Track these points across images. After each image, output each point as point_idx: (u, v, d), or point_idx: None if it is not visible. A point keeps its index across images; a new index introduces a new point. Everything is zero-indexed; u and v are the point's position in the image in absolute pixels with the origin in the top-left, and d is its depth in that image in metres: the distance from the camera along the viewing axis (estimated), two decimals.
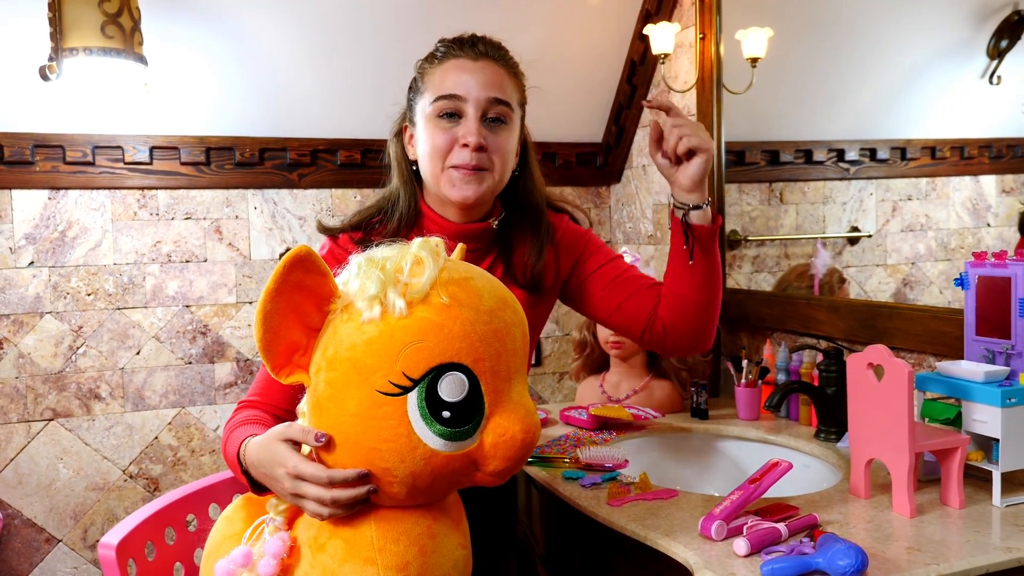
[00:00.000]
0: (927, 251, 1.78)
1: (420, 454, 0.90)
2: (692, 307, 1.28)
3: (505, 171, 1.25)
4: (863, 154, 1.91)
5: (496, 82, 1.23)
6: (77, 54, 1.54)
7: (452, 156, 1.21)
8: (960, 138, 1.73)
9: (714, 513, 1.09)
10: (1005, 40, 1.53)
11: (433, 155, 1.22)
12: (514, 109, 1.25)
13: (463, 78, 1.21)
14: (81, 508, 2.05)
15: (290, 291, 0.91)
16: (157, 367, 2.10)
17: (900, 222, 1.81)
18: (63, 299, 2.02)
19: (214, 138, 2.08)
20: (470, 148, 1.19)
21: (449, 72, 1.22)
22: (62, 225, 2.00)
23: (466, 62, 1.23)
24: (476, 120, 1.21)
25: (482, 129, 1.21)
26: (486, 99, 1.21)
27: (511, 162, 1.27)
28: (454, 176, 1.22)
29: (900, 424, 1.14)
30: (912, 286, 1.77)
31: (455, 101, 1.21)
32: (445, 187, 1.23)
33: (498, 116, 1.23)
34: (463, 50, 1.24)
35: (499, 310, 0.95)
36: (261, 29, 1.96)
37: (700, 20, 1.99)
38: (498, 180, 1.25)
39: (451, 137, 1.21)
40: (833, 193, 1.98)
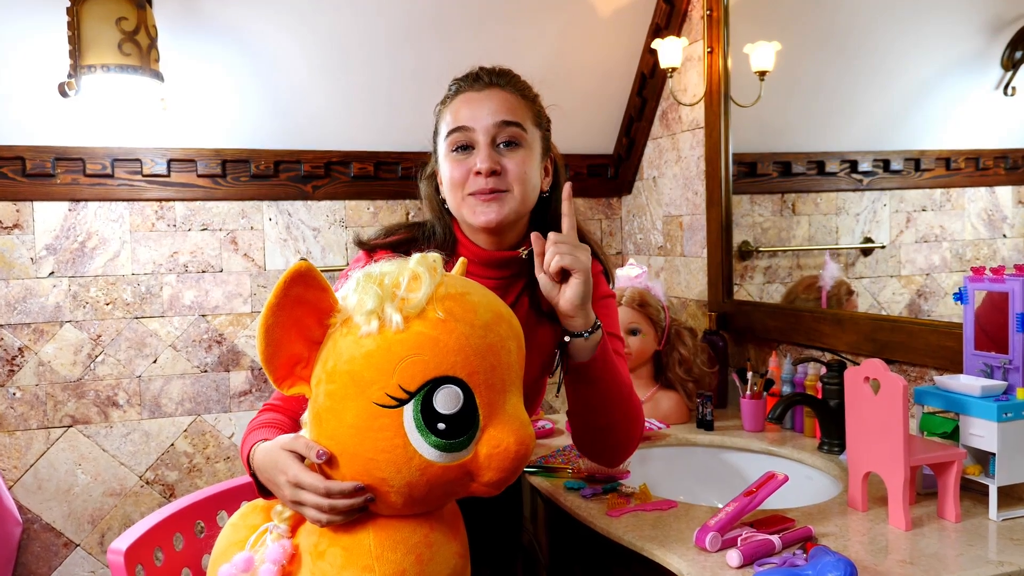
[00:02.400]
0: (942, 262, 1.76)
1: (416, 465, 0.92)
2: (589, 429, 1.25)
3: (527, 191, 1.23)
4: (876, 165, 1.90)
5: (503, 106, 1.22)
6: (95, 71, 1.58)
7: (469, 185, 1.22)
8: (975, 149, 1.71)
9: (709, 524, 1.11)
10: (1020, 51, 1.53)
11: (453, 187, 1.23)
12: (528, 129, 1.24)
13: (470, 109, 1.22)
14: (99, 513, 2.10)
15: (291, 305, 0.94)
16: (173, 375, 2.15)
17: (914, 233, 1.80)
18: (82, 308, 2.07)
19: (230, 151, 2.12)
20: (483, 175, 1.20)
21: (458, 107, 1.24)
22: (82, 236, 2.06)
23: (472, 94, 1.24)
24: (487, 147, 1.21)
25: (493, 154, 1.21)
26: (494, 124, 1.21)
27: (533, 181, 1.24)
28: (473, 203, 1.22)
29: (896, 438, 1.15)
30: (927, 297, 1.77)
31: (465, 133, 1.22)
32: (468, 215, 1.23)
33: (510, 139, 1.22)
34: (468, 84, 1.25)
35: (494, 324, 0.97)
36: (276, 43, 2.00)
37: (708, 34, 2.01)
38: (520, 201, 1.23)
39: (466, 168, 1.22)
40: (846, 204, 1.97)
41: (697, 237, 2.17)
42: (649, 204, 2.41)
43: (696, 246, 2.18)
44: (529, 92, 1.29)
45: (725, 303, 2.02)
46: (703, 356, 1.85)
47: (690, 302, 2.21)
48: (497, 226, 1.22)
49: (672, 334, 1.83)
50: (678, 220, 2.26)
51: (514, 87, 1.26)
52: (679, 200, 2.25)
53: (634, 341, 1.79)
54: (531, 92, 1.30)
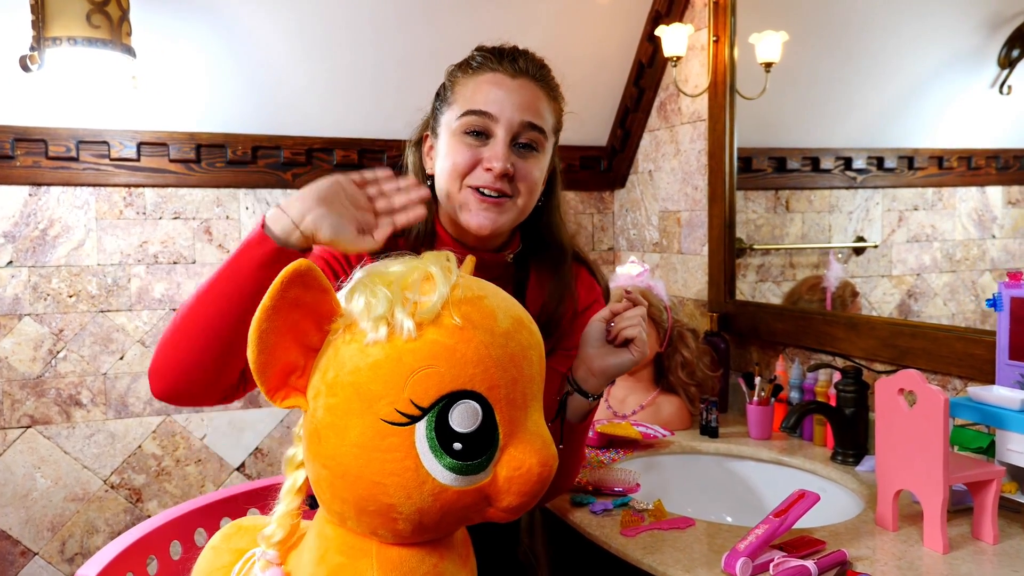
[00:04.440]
0: (932, 262, 1.74)
1: (428, 489, 0.82)
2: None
3: (530, 202, 1.14)
4: (870, 163, 1.87)
5: (533, 105, 1.11)
6: (61, 44, 1.45)
7: (472, 176, 1.10)
8: (968, 148, 1.70)
9: (738, 549, 1.02)
10: (1017, 50, 1.51)
11: (452, 173, 1.11)
12: (548, 136, 1.15)
13: (497, 95, 1.10)
14: (59, 520, 1.96)
15: (288, 309, 0.82)
16: (141, 372, 2.01)
17: (906, 232, 1.77)
18: (43, 301, 1.92)
19: (205, 135, 1.99)
20: (494, 173, 1.09)
21: (483, 86, 1.11)
22: (43, 223, 1.91)
23: (503, 78, 1.12)
24: (505, 144, 1.10)
25: (510, 154, 1.10)
26: (519, 122, 1.10)
27: (537, 192, 1.15)
28: (471, 200, 1.11)
29: (934, 455, 1.08)
30: (917, 298, 1.73)
31: (485, 119, 1.10)
32: (461, 211, 1.12)
33: (529, 142, 1.12)
34: (501, 64, 1.12)
35: (515, 332, 0.87)
36: (256, 21, 1.88)
37: (714, 22, 1.92)
38: (520, 211, 1.13)
39: (475, 157, 1.10)
40: (839, 202, 1.94)
41: (696, 234, 2.09)
42: (644, 199, 2.32)
43: (695, 243, 2.10)
44: (559, 94, 1.19)
45: (727, 303, 1.94)
46: (706, 359, 1.77)
47: (687, 301, 2.13)
48: (491, 234, 1.12)
49: (675, 336, 1.75)
50: (675, 216, 2.18)
51: (547, 84, 1.16)
52: (677, 195, 2.17)
53: None
54: (560, 94, 1.19)
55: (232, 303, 0.95)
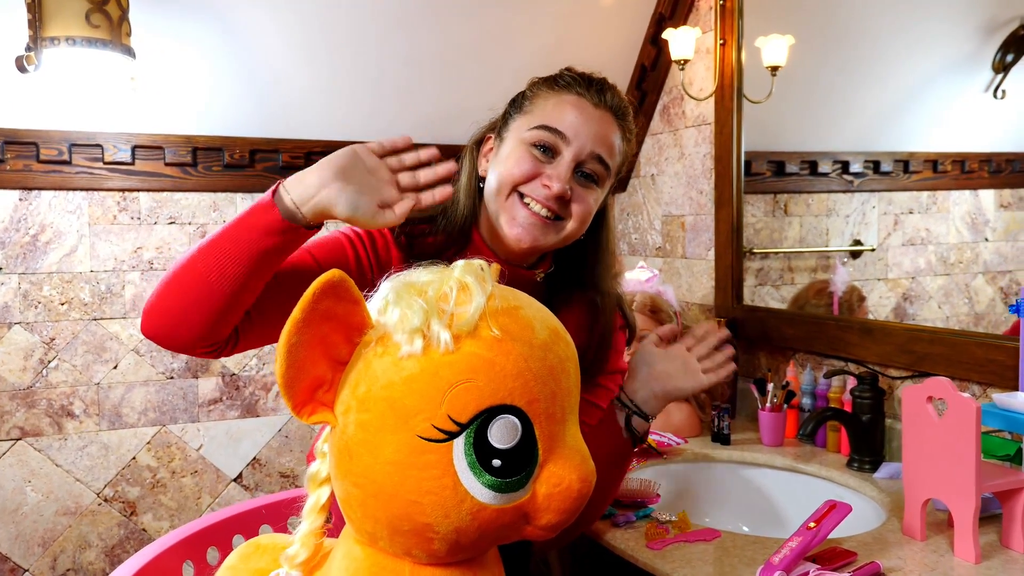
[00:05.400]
0: (927, 265, 1.75)
1: (467, 508, 0.79)
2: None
3: (578, 230, 1.12)
4: (867, 166, 1.88)
5: (607, 138, 1.10)
6: (59, 44, 1.40)
7: (528, 187, 1.08)
8: (961, 152, 1.72)
9: (772, 563, 1.00)
10: (1011, 54, 1.52)
11: (509, 178, 1.09)
12: (611, 174, 1.14)
13: (576, 118, 1.09)
14: (50, 535, 1.90)
15: (319, 321, 0.79)
16: (136, 382, 1.96)
17: (901, 236, 1.78)
18: (34, 308, 1.87)
19: (202, 138, 1.94)
20: (551, 192, 1.07)
21: (564, 106, 1.10)
22: (34, 228, 1.86)
23: (587, 104, 1.10)
24: (569, 167, 1.08)
25: (571, 178, 1.08)
26: (589, 151, 1.09)
27: (587, 223, 1.13)
28: (520, 212, 1.09)
29: (966, 464, 1.06)
30: (912, 301, 1.73)
31: (557, 137, 1.09)
32: (504, 218, 1.10)
33: (592, 173, 1.10)
34: (588, 90, 1.11)
35: (553, 344, 0.84)
36: (257, 22, 1.83)
37: (721, 25, 1.91)
38: (565, 236, 1.11)
39: (536, 170, 1.08)
40: (836, 206, 1.94)
41: (702, 239, 2.07)
42: (647, 203, 2.30)
43: (700, 248, 2.08)
44: (632, 138, 1.18)
45: (735, 308, 1.92)
46: None
47: (693, 306, 2.12)
48: (530, 249, 1.10)
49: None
50: (680, 220, 2.16)
51: (626, 126, 1.15)
52: (681, 199, 2.15)
53: None
54: (633, 139, 1.19)
55: (231, 263, 0.94)
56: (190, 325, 0.95)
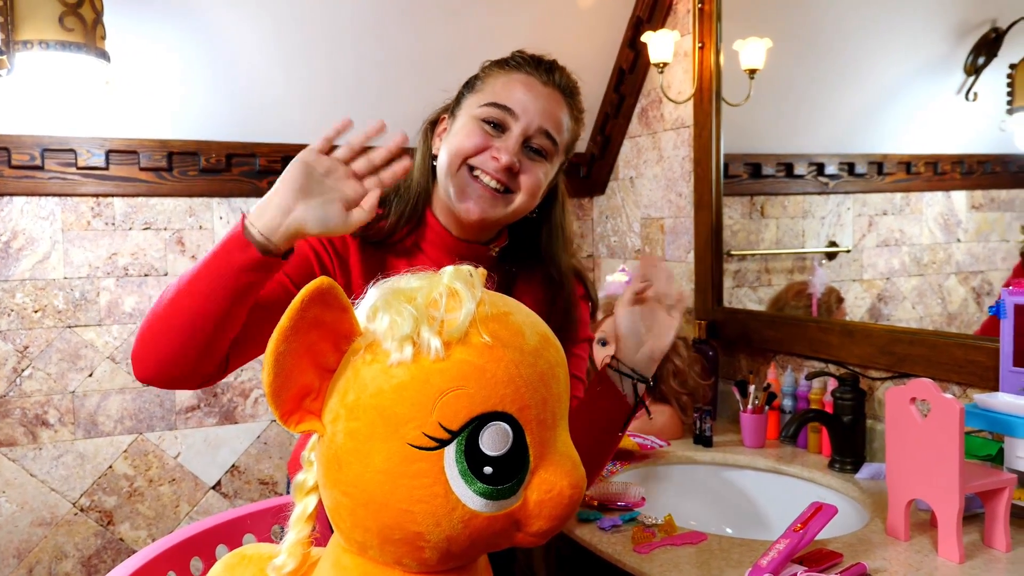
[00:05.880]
0: (901, 266, 1.77)
1: (458, 516, 0.78)
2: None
3: (527, 203, 1.14)
4: (842, 168, 1.90)
5: (554, 115, 1.13)
6: (32, 48, 1.37)
7: (477, 160, 1.11)
8: (934, 153, 1.73)
9: (761, 565, 1.01)
10: (982, 57, 1.54)
11: (459, 151, 1.12)
12: (559, 151, 1.16)
13: (525, 96, 1.12)
14: (25, 546, 1.86)
15: (306, 329, 0.78)
16: (112, 390, 1.93)
17: (876, 237, 1.80)
18: (6, 316, 1.83)
19: (177, 142, 1.92)
20: (499, 164, 1.10)
21: (513, 84, 1.13)
22: (6, 235, 1.82)
23: (535, 82, 1.14)
24: (517, 141, 1.11)
25: (519, 152, 1.11)
26: (537, 126, 1.12)
27: (537, 197, 1.16)
28: (469, 185, 1.12)
29: (949, 465, 1.07)
30: (887, 301, 1.75)
31: (506, 113, 1.12)
32: (455, 191, 1.12)
33: (540, 148, 1.13)
34: (537, 70, 1.15)
35: (543, 349, 0.84)
36: (232, 25, 1.81)
37: (700, 29, 1.92)
38: (515, 210, 1.14)
39: (486, 144, 1.11)
40: (812, 207, 1.96)
41: (681, 241, 2.08)
42: (625, 205, 2.31)
43: (680, 251, 2.09)
44: (581, 117, 1.22)
45: (716, 311, 1.93)
46: (697, 367, 1.76)
47: None
48: (478, 222, 1.13)
49: None
50: (659, 223, 2.17)
51: (574, 105, 1.19)
52: (660, 202, 2.16)
53: None
54: (582, 118, 1.22)
55: (213, 303, 0.96)
56: (182, 365, 0.97)
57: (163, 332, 0.97)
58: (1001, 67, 1.49)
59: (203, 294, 0.95)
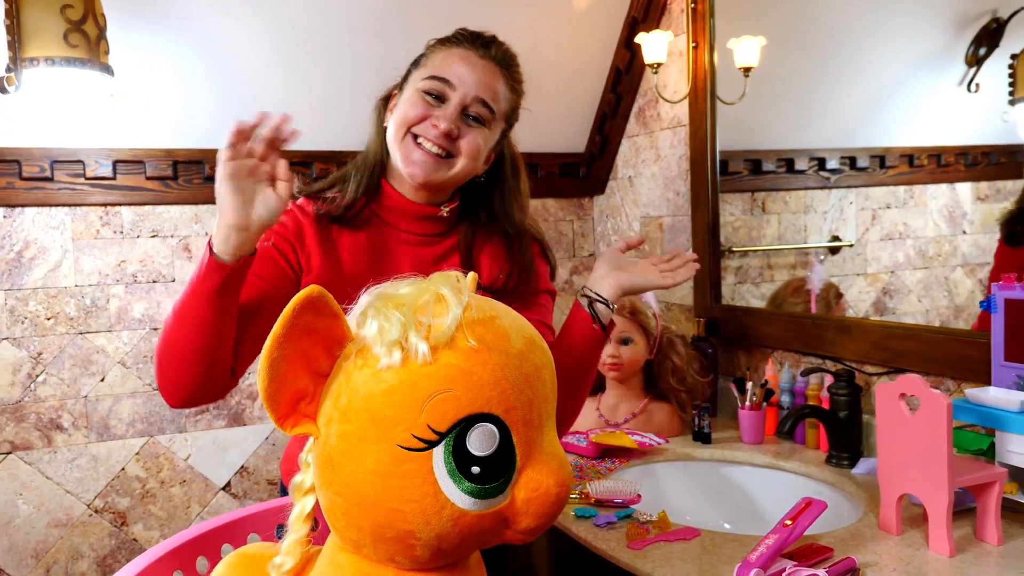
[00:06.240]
0: (906, 259, 1.76)
1: (448, 515, 0.81)
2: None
3: (469, 167, 1.25)
4: (843, 162, 1.90)
5: (491, 85, 1.24)
6: (38, 64, 1.41)
7: (419, 128, 1.22)
8: (937, 146, 1.73)
9: (750, 560, 1.03)
10: (983, 48, 1.53)
11: (403, 122, 1.23)
12: (496, 118, 1.26)
13: (462, 69, 1.23)
14: (43, 546, 1.91)
15: (299, 336, 0.81)
16: (123, 394, 1.97)
17: (879, 231, 1.80)
18: (20, 324, 1.88)
19: (182, 151, 1.95)
20: (439, 131, 1.20)
21: (452, 58, 1.25)
22: (18, 245, 1.86)
23: (472, 56, 1.25)
24: (455, 109, 1.22)
25: (458, 120, 1.22)
26: (473, 96, 1.22)
27: (477, 160, 1.26)
28: (413, 151, 1.22)
29: (938, 459, 1.09)
30: (892, 295, 1.76)
31: (444, 85, 1.22)
32: (401, 157, 1.23)
33: (477, 115, 1.23)
34: (474, 45, 1.26)
35: (528, 352, 0.86)
36: (232, 36, 1.85)
37: (693, 28, 1.93)
38: (457, 172, 1.24)
39: (427, 113, 1.22)
40: (814, 202, 1.96)
41: (679, 239, 2.10)
42: (624, 204, 2.33)
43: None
44: (518, 87, 1.32)
45: (714, 308, 1.95)
46: (695, 364, 1.78)
47: (673, 307, 2.14)
48: (423, 183, 1.23)
49: (664, 342, 1.75)
50: (657, 221, 2.18)
51: (511, 76, 1.30)
52: (658, 201, 2.18)
53: (626, 351, 1.71)
54: (520, 88, 1.33)
55: (204, 327, 1.06)
56: (196, 387, 1.10)
57: (171, 365, 1.09)
58: (1002, 58, 1.48)
59: (193, 323, 1.06)
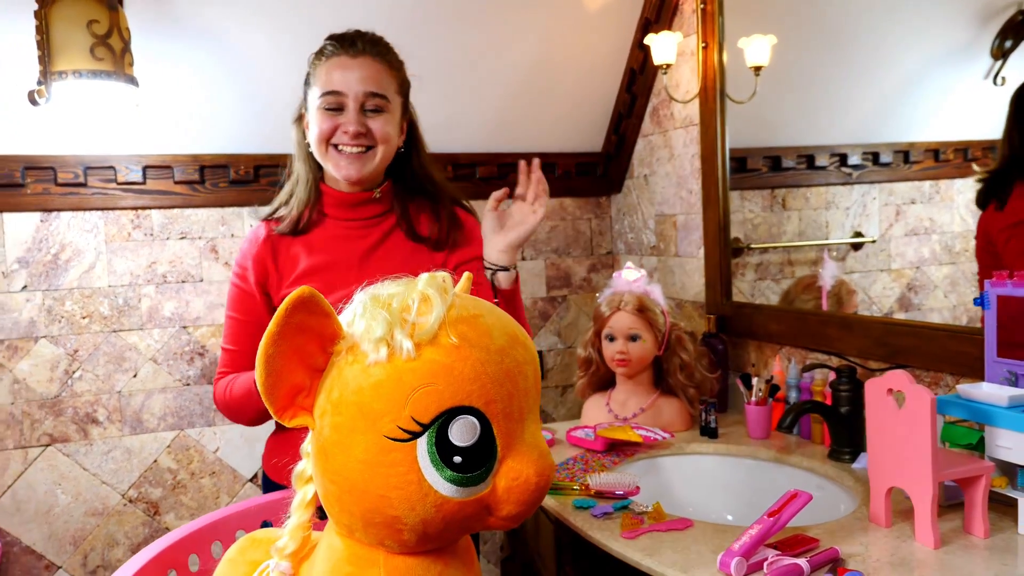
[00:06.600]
0: (931, 255, 1.76)
1: (431, 501, 0.86)
2: None
3: (387, 150, 1.43)
4: (866, 158, 1.89)
5: (373, 77, 1.39)
6: (66, 77, 1.49)
7: (335, 138, 1.40)
8: (963, 140, 1.71)
9: (733, 548, 1.06)
10: (1009, 40, 1.52)
11: (320, 138, 1.40)
12: (391, 98, 1.42)
13: (343, 75, 1.38)
14: (80, 534, 2.01)
15: (292, 333, 0.87)
16: (155, 389, 2.06)
17: (904, 226, 1.79)
18: (57, 323, 1.98)
19: (208, 156, 2.04)
20: (350, 135, 1.38)
21: (332, 69, 1.39)
22: (55, 248, 1.97)
23: (346, 60, 1.39)
24: (356, 112, 1.38)
25: (361, 118, 1.39)
26: (363, 93, 1.38)
27: (392, 142, 1.44)
28: (338, 158, 1.40)
29: (923, 453, 1.11)
30: (917, 291, 1.75)
31: (337, 96, 1.38)
32: (332, 167, 1.42)
33: (376, 107, 1.40)
34: (343, 48, 1.40)
35: (510, 348, 0.91)
36: (252, 45, 1.92)
37: (702, 29, 1.96)
38: (380, 159, 1.42)
39: (334, 125, 1.39)
40: (836, 198, 1.96)
41: (692, 237, 2.13)
42: (640, 203, 2.36)
43: (691, 246, 2.13)
44: (395, 62, 1.46)
45: (724, 305, 1.97)
46: (704, 361, 1.80)
47: (686, 304, 2.17)
48: (359, 179, 1.42)
49: (672, 339, 1.78)
50: (672, 219, 2.21)
51: (383, 57, 1.43)
52: (672, 199, 2.20)
53: (634, 347, 1.74)
54: (397, 61, 1.47)
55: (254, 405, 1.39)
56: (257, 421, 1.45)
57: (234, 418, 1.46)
58: None
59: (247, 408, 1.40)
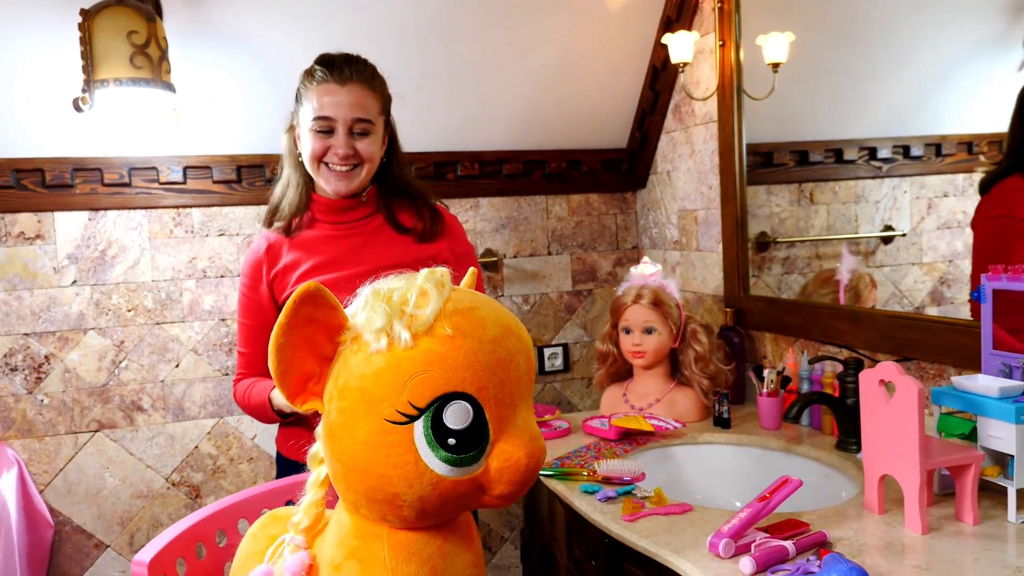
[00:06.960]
0: (964, 248, 1.75)
1: (427, 480, 0.93)
2: None
3: (372, 166, 1.57)
4: (896, 152, 1.88)
5: (359, 103, 1.51)
6: (108, 85, 1.60)
7: (327, 157, 1.53)
8: (998, 132, 1.70)
9: (722, 530, 1.11)
10: None
11: (312, 156, 1.53)
12: (375, 120, 1.54)
13: (333, 101, 1.50)
14: (127, 515, 2.14)
15: (301, 324, 0.94)
16: (196, 379, 2.18)
17: (936, 220, 1.78)
18: (105, 316, 2.10)
19: (244, 156, 2.14)
20: (339, 157, 1.51)
21: (322, 96, 1.51)
22: (102, 245, 2.09)
23: (335, 87, 1.51)
24: (345, 135, 1.51)
25: (350, 141, 1.52)
26: (352, 119, 1.51)
27: (376, 159, 1.57)
28: (329, 175, 1.54)
29: (911, 441, 1.14)
30: (950, 284, 1.75)
31: (328, 122, 1.51)
32: (324, 182, 1.56)
33: (362, 130, 1.53)
34: (332, 75, 1.51)
35: (503, 338, 0.97)
36: (285, 48, 2.01)
37: (720, 27, 1.99)
38: (367, 173, 1.56)
39: (325, 146, 1.52)
40: (865, 192, 1.96)
41: (712, 232, 2.16)
42: (664, 198, 2.40)
43: (711, 241, 2.17)
44: (378, 85, 1.58)
45: (741, 298, 2.01)
46: (719, 353, 1.84)
47: (706, 297, 2.20)
48: (349, 192, 1.56)
49: (687, 331, 1.82)
50: (693, 214, 2.25)
51: (368, 84, 1.54)
52: (693, 194, 2.24)
53: (650, 340, 1.79)
54: (379, 84, 1.58)
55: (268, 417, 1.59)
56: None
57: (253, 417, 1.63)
58: None
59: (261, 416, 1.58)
